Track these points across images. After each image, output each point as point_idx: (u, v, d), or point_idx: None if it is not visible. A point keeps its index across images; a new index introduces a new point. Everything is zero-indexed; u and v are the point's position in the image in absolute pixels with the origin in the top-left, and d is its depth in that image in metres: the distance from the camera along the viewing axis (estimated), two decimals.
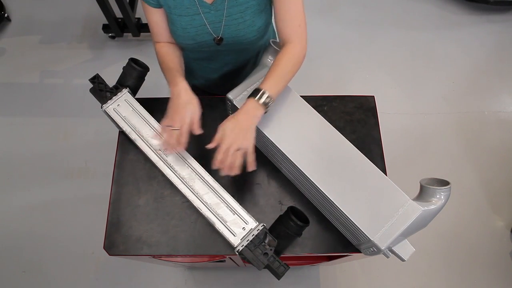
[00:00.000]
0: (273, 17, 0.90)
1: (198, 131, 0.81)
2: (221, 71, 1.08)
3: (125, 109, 0.92)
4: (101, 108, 0.92)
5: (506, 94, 2.17)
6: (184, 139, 0.81)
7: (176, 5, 0.83)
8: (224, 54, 0.99)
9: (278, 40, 0.97)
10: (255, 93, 0.80)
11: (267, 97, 0.79)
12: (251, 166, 0.80)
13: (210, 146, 0.78)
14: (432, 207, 0.75)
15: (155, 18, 0.89)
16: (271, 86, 0.80)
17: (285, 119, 0.87)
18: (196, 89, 1.23)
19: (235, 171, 0.78)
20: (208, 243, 0.88)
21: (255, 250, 0.75)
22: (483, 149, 2.00)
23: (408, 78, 2.21)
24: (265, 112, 0.81)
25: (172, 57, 0.92)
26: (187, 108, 0.80)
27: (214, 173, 0.86)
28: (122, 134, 0.99)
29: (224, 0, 0.83)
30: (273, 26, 1.11)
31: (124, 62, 0.96)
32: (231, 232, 0.78)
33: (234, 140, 0.77)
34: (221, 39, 0.90)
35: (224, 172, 0.78)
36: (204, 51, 0.96)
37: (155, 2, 0.85)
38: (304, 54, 0.86)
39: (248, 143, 0.78)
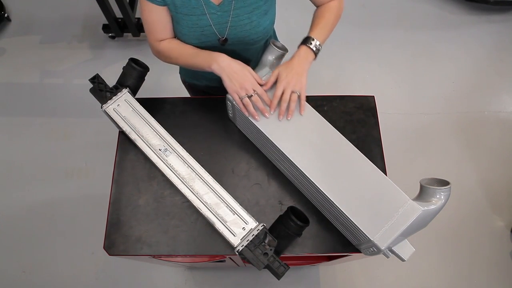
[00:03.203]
0: None
1: (263, 82, 0.86)
2: None
3: (125, 109, 0.92)
4: (101, 108, 0.92)
5: (506, 94, 2.17)
6: (268, 97, 0.84)
7: (183, 4, 0.83)
8: (228, 54, 0.98)
9: (279, 41, 0.97)
10: (305, 40, 0.86)
11: (317, 43, 0.85)
12: (303, 109, 0.85)
13: (264, 88, 0.84)
14: (432, 207, 0.75)
15: (158, 16, 0.87)
16: (319, 34, 0.86)
17: (285, 119, 0.87)
18: (197, 89, 1.22)
19: (291, 115, 0.84)
20: (208, 243, 0.88)
21: (255, 250, 0.75)
22: (483, 149, 2.00)
23: (408, 78, 2.21)
24: (315, 59, 0.86)
25: (187, 45, 0.90)
26: (245, 71, 0.83)
27: (214, 173, 0.86)
28: (122, 134, 0.99)
29: (231, 2, 0.83)
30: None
31: (124, 62, 0.96)
32: (231, 232, 0.78)
33: (288, 84, 0.82)
34: (226, 40, 0.90)
35: (280, 117, 0.84)
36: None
37: (161, 0, 0.83)
38: (343, 7, 0.94)
39: (302, 86, 0.84)
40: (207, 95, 1.21)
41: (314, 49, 0.85)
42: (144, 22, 0.90)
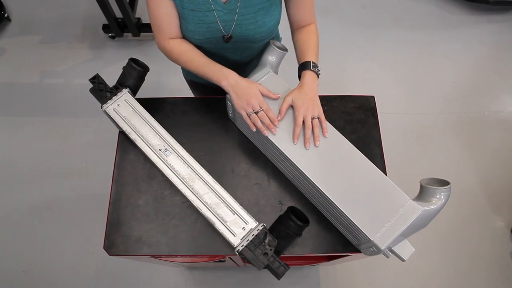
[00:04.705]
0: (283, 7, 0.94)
1: (275, 96, 0.88)
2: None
3: (125, 109, 0.92)
4: (101, 108, 0.92)
5: (506, 94, 2.17)
6: (273, 114, 0.86)
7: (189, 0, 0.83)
8: (230, 52, 0.99)
9: (280, 40, 0.97)
10: (307, 65, 0.89)
11: (318, 66, 0.90)
12: (327, 131, 0.86)
13: (279, 118, 0.85)
14: (432, 207, 0.75)
15: (165, 10, 0.86)
16: (314, 57, 0.91)
17: (285, 119, 0.87)
18: (198, 85, 1.22)
19: (318, 141, 0.84)
20: (208, 243, 0.88)
21: (255, 250, 0.75)
22: (483, 149, 2.00)
23: (408, 78, 2.21)
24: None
25: (198, 51, 0.91)
26: (253, 89, 0.85)
27: (214, 173, 0.86)
28: (122, 134, 0.99)
29: (237, 1, 0.83)
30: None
31: (124, 62, 0.96)
32: (231, 232, 0.78)
33: (307, 110, 0.84)
34: (231, 37, 0.91)
35: (307, 145, 0.84)
36: (210, 48, 0.96)
37: None
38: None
39: (320, 110, 0.86)
40: (208, 90, 1.21)
41: (317, 71, 0.89)
42: (151, 18, 0.89)
